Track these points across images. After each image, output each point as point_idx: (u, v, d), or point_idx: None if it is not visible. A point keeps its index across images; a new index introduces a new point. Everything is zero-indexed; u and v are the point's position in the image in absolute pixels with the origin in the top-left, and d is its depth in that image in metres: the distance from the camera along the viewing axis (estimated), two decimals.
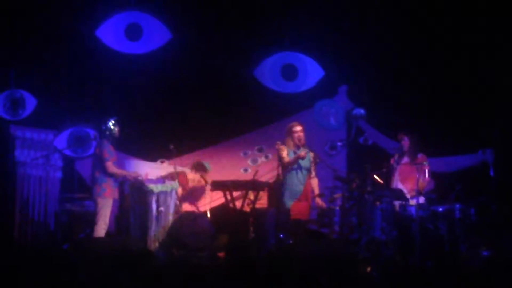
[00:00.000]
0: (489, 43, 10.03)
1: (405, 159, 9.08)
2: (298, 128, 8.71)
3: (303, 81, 10.95)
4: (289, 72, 10.93)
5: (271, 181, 9.64)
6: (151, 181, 8.67)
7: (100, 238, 8.16)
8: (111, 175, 8.39)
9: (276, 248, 8.09)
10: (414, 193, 8.50)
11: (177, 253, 8.25)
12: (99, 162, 8.43)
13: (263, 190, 9.29)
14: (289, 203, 8.56)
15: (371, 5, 10.34)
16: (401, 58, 10.36)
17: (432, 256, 7.93)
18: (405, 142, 9.08)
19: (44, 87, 10.33)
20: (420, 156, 8.99)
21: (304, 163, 8.63)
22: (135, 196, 8.73)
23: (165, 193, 8.62)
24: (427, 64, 10.36)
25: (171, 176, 9.20)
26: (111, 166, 8.37)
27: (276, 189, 8.84)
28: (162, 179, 8.78)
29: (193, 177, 9.73)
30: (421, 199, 8.47)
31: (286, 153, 8.62)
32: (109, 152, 8.40)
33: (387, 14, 10.21)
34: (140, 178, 8.71)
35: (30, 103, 10.26)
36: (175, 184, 8.82)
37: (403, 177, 9.09)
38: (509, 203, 9.28)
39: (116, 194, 8.55)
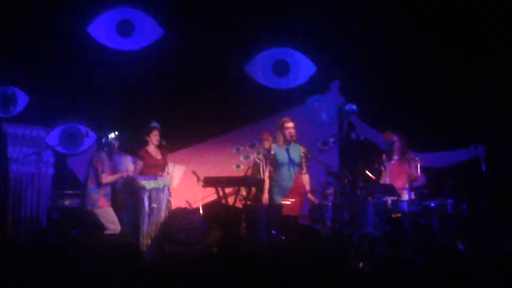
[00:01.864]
0: (481, 38, 10.04)
1: (395, 157, 9.04)
2: (290, 124, 8.68)
3: (295, 77, 10.95)
4: (281, 68, 10.93)
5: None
6: (143, 177, 8.66)
7: (91, 235, 8.20)
8: (105, 185, 8.64)
9: (268, 244, 8.08)
10: (406, 189, 8.50)
11: (169, 249, 8.24)
12: (94, 173, 8.64)
13: (255, 186, 9.26)
14: (278, 199, 8.54)
15: (363, 0, 10.34)
16: (392, 53, 10.36)
17: (424, 252, 7.94)
18: (396, 141, 9.01)
19: (36, 84, 10.30)
20: (409, 152, 8.98)
21: (295, 158, 8.61)
22: (127, 193, 8.74)
23: (157, 189, 8.60)
24: (418, 59, 10.36)
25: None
26: (105, 177, 8.64)
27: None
28: (154, 176, 8.77)
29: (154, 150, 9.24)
30: (413, 195, 8.47)
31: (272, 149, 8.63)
32: (105, 165, 8.66)
33: (379, 9, 10.21)
34: (132, 175, 8.72)
35: (22, 100, 10.24)
36: (167, 180, 8.81)
37: (393, 174, 9.08)
38: (501, 198, 9.30)
39: (109, 203, 8.74)
